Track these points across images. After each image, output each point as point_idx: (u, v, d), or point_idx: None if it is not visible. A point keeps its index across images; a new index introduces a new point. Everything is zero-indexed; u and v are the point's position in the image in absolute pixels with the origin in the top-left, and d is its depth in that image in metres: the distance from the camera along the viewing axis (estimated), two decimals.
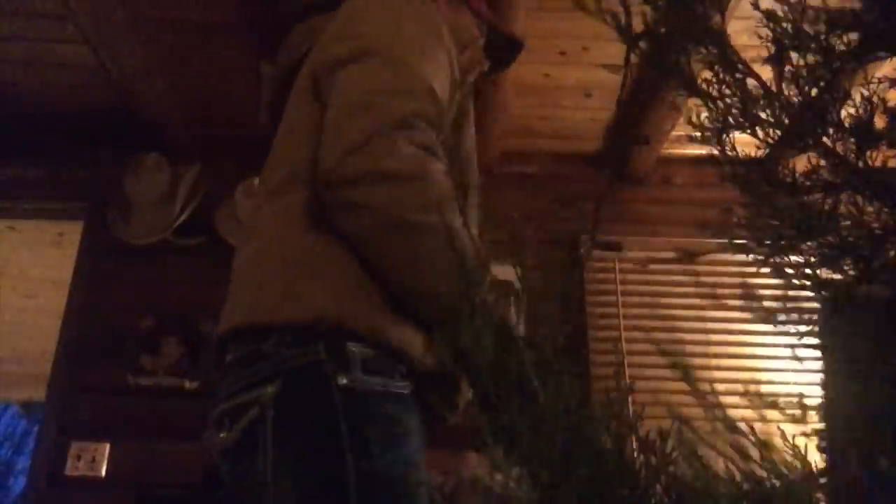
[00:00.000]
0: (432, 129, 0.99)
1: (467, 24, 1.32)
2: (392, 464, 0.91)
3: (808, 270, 0.50)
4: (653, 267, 3.07)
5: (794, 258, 0.55)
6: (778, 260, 0.51)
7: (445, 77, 1.10)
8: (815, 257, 0.51)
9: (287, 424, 0.92)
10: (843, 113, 0.52)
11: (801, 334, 0.64)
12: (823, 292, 0.51)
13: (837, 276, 0.52)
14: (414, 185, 0.94)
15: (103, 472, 2.56)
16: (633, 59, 0.51)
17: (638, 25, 0.50)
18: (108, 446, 2.60)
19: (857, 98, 0.52)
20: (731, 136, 0.54)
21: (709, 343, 2.91)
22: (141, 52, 2.63)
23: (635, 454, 0.39)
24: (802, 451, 0.49)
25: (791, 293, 0.57)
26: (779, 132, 0.52)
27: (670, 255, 3.06)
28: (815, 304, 0.58)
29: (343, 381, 0.92)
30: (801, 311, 0.65)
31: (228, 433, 0.96)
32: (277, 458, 0.91)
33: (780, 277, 0.51)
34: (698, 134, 0.53)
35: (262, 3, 2.45)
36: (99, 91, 2.84)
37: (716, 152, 0.56)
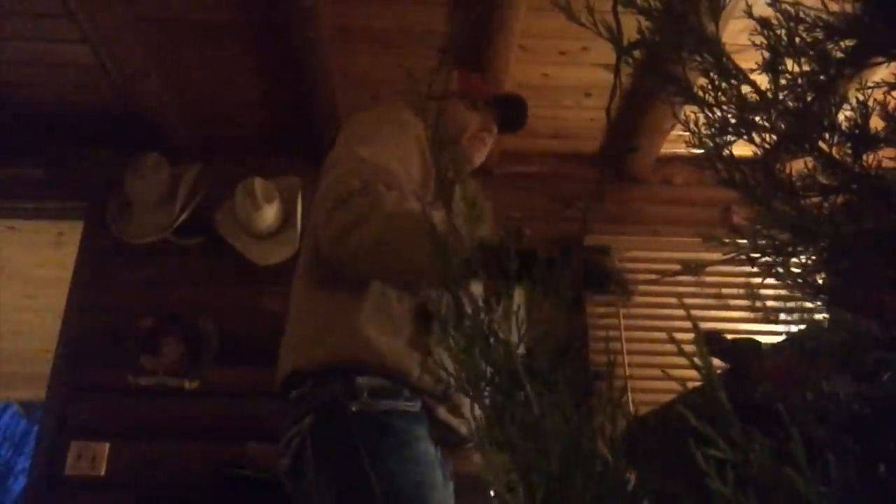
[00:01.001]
0: (389, 189, 1.26)
1: (456, 123, 1.60)
2: (405, 464, 1.14)
3: (808, 278, 0.50)
4: (653, 267, 3.07)
5: (793, 261, 0.55)
6: (778, 266, 0.51)
7: (414, 155, 1.41)
8: (813, 262, 0.51)
9: (322, 447, 1.18)
10: (840, 116, 0.52)
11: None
12: (821, 297, 0.51)
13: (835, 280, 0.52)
14: (368, 218, 1.22)
15: (103, 472, 2.56)
16: (628, 67, 0.52)
17: (632, 31, 0.51)
18: (108, 446, 2.60)
19: (853, 101, 0.52)
20: (727, 141, 0.54)
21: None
22: (141, 52, 2.63)
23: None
24: None
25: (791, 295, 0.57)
26: (775, 136, 0.52)
27: (672, 256, 3.06)
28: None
29: (354, 407, 1.18)
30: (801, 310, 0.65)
31: (285, 459, 1.24)
32: (318, 475, 1.16)
33: (780, 284, 0.52)
34: (696, 141, 0.53)
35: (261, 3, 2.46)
36: (99, 91, 2.84)
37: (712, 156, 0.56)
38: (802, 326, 0.71)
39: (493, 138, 1.68)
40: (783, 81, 0.51)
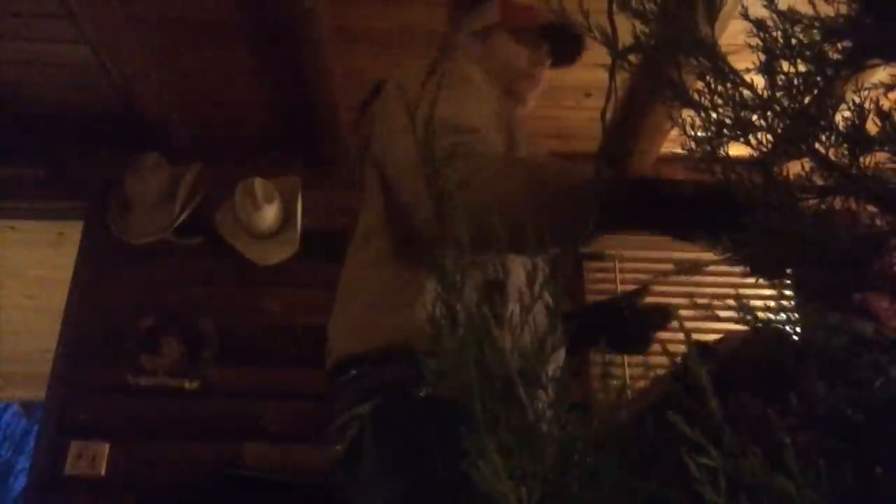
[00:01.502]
0: (475, 145, 1.08)
1: (505, 60, 1.45)
2: None
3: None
4: (652, 267, 3.08)
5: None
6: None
7: (483, 109, 1.25)
8: (808, 264, 0.52)
9: (383, 435, 1.07)
10: (837, 118, 0.52)
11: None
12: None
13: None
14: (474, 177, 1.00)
15: (103, 472, 2.57)
16: (625, 71, 0.52)
17: (628, 34, 0.51)
18: (108, 446, 2.61)
19: (850, 103, 0.52)
20: (724, 144, 0.54)
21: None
22: (141, 52, 2.63)
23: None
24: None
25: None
26: (771, 138, 0.52)
27: (671, 256, 3.06)
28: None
29: (422, 392, 1.03)
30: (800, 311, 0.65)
31: (339, 446, 1.13)
32: (378, 465, 1.06)
33: (775, 286, 0.52)
34: (691, 144, 0.53)
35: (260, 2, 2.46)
36: (99, 91, 2.84)
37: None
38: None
39: (544, 73, 1.52)
40: (779, 82, 0.51)
